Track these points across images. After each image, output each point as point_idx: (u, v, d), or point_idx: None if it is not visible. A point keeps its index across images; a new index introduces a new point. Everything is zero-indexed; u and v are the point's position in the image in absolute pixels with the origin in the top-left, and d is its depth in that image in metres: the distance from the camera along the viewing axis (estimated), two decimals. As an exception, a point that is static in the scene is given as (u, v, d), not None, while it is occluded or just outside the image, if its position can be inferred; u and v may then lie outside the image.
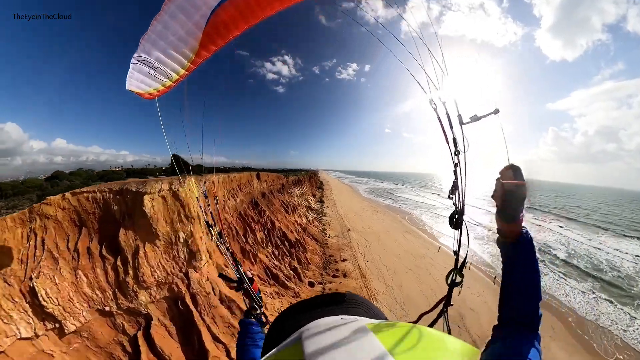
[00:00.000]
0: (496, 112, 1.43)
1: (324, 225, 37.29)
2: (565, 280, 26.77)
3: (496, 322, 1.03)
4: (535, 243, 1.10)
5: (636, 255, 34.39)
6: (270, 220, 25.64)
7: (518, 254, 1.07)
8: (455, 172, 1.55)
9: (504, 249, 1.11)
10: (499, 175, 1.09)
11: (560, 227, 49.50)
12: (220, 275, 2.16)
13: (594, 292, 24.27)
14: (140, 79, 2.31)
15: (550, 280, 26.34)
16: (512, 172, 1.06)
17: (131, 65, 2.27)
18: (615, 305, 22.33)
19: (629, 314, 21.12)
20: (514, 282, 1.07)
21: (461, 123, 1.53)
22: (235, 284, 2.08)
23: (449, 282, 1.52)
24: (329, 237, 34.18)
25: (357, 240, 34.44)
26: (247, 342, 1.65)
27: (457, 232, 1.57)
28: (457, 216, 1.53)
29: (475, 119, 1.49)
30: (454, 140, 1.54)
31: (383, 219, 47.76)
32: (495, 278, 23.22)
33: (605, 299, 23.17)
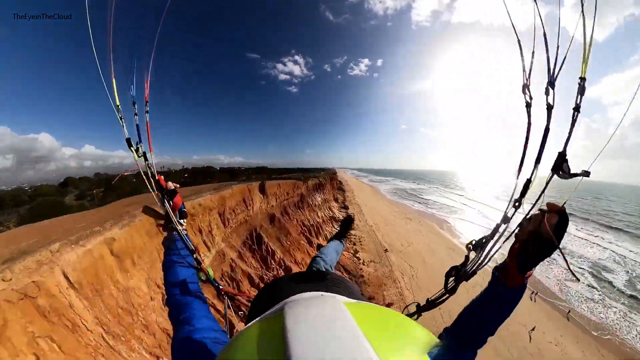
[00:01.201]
0: (586, 174, 1.05)
1: (354, 244, 30.04)
2: (635, 316, 20.58)
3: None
4: (582, 264, 0.53)
5: None
6: (284, 265, 16.57)
7: (505, 296, 1.04)
8: (497, 227, 1.22)
9: (495, 285, 1.07)
10: (537, 213, 0.92)
11: (609, 241, 39.99)
12: None
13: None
14: None
15: (615, 318, 20.40)
16: (557, 219, 0.87)
17: None
18: None
19: None
20: (484, 315, 1.07)
21: (557, 172, 1.07)
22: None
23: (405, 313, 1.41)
24: (363, 263, 26.88)
25: (399, 267, 27.25)
26: (172, 259, 1.46)
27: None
28: (458, 277, 1.30)
29: (569, 176, 1.06)
30: (528, 183, 1.16)
31: (419, 230, 40.50)
32: (569, 312, 20.73)
33: None
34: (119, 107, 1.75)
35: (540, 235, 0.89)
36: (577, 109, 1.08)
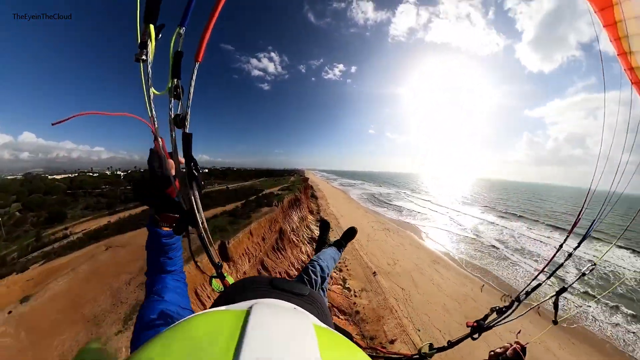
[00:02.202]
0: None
1: (340, 270, 27.04)
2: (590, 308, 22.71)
3: None
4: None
5: None
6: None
7: None
8: (537, 286, 1.30)
9: None
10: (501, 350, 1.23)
11: (557, 241, 44.08)
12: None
13: None
14: None
15: (576, 310, 22.79)
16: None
17: None
18: None
19: None
20: None
21: None
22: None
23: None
24: (355, 294, 23.94)
25: (391, 292, 25.06)
26: (158, 256, 1.30)
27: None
28: (478, 329, 1.44)
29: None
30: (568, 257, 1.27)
31: (401, 244, 39.23)
32: (539, 309, 19.84)
33: None
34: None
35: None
36: None
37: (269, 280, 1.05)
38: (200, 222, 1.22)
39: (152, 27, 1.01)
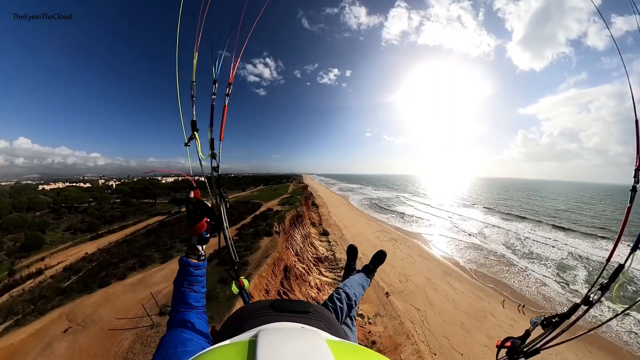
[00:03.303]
0: None
1: (352, 291, 24.65)
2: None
3: None
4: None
5: None
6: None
7: None
8: (576, 306, 1.12)
9: None
10: None
11: (564, 242, 42.78)
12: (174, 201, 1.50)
13: None
14: None
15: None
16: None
17: None
18: None
19: None
20: None
21: None
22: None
23: None
24: (369, 321, 21.46)
25: (407, 314, 22.68)
26: (183, 284, 1.47)
27: None
28: (514, 353, 1.11)
29: None
30: (619, 269, 1.03)
31: (410, 256, 37.06)
32: (523, 307, 23.10)
33: None
34: (194, 83, 1.66)
35: None
36: None
37: (269, 304, 0.97)
38: (225, 226, 1.65)
39: (195, 133, 1.62)
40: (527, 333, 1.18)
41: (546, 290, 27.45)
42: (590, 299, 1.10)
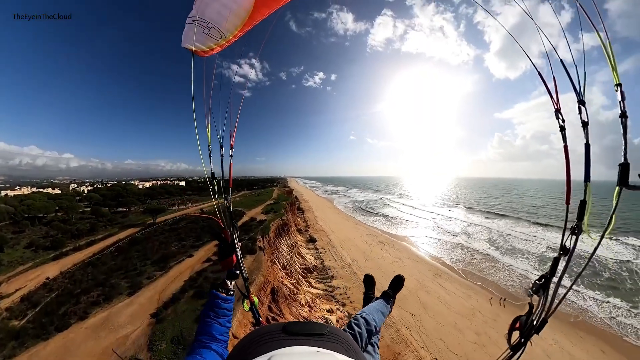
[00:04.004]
0: None
1: (343, 304, 23.33)
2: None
3: None
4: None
5: None
6: None
7: None
8: (556, 261, 1.07)
9: None
10: None
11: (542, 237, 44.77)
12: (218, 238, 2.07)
13: None
14: (195, 38, 2.33)
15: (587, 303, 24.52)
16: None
17: (186, 25, 2.32)
18: None
19: None
20: None
21: (625, 184, 0.90)
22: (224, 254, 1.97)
23: None
24: (364, 332, 20.54)
25: (402, 320, 22.00)
26: (210, 315, 1.55)
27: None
28: (526, 330, 1.10)
29: None
30: (583, 204, 1.04)
31: (399, 259, 36.67)
32: (505, 300, 24.39)
33: None
34: (210, 146, 2.25)
35: None
36: (623, 115, 0.99)
37: (281, 327, 0.91)
38: (238, 250, 1.98)
39: (214, 181, 2.18)
40: (531, 306, 1.14)
41: (529, 283, 28.61)
42: (567, 247, 1.08)
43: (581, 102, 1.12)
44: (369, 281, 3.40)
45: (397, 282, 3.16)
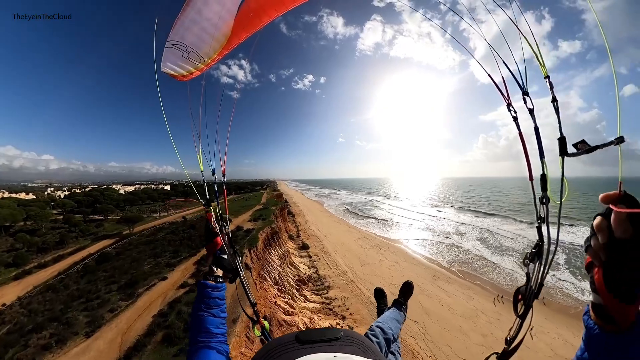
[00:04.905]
0: (620, 141, 0.88)
1: (343, 317, 21.29)
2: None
3: None
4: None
5: None
6: None
7: (624, 352, 0.70)
8: (539, 229, 1.20)
9: (599, 338, 0.76)
10: (597, 220, 0.71)
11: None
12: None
13: None
14: (174, 62, 2.32)
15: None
16: (626, 206, 0.66)
17: (165, 49, 2.30)
18: None
19: None
20: None
21: (565, 153, 1.08)
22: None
23: None
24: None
25: (407, 330, 20.69)
26: (201, 308, 1.45)
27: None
28: (527, 297, 1.20)
29: (587, 149, 0.98)
30: (544, 177, 1.19)
31: (397, 262, 35.53)
32: (543, 298, 23.07)
33: None
34: (202, 171, 2.25)
35: (619, 241, 0.64)
36: (554, 99, 1.19)
37: (294, 337, 0.88)
38: (241, 275, 1.77)
39: (212, 204, 1.99)
40: (528, 276, 1.19)
41: (522, 277, 29.36)
42: (542, 214, 1.16)
43: (525, 93, 1.36)
44: (379, 294, 3.43)
45: (407, 289, 3.24)
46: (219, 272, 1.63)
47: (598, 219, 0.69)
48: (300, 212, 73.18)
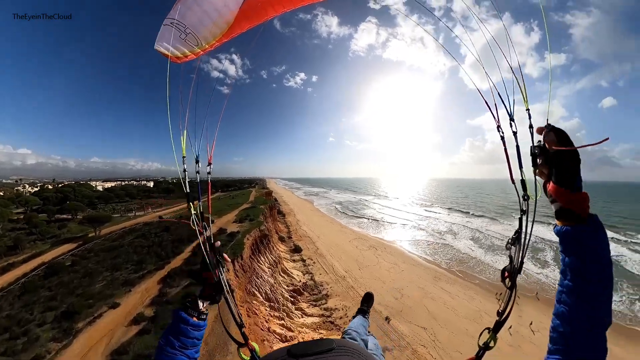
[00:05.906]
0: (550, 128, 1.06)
1: (343, 331, 19.44)
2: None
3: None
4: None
5: None
6: None
7: (588, 242, 0.86)
8: (520, 220, 1.35)
9: (567, 237, 0.91)
10: (539, 140, 1.04)
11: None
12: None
13: None
14: (170, 42, 2.14)
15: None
16: (553, 135, 0.97)
17: (162, 27, 2.15)
18: None
19: None
20: (583, 291, 0.88)
21: (536, 167, 1.19)
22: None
23: (481, 344, 1.23)
24: (377, 363, 16.75)
25: (416, 338, 19.40)
26: (174, 345, 1.21)
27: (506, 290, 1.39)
28: (512, 274, 1.34)
29: (547, 160, 1.13)
30: (523, 182, 1.37)
31: (395, 264, 33.85)
32: (537, 294, 24.81)
33: None
34: (185, 157, 1.83)
35: (552, 154, 0.95)
36: (530, 126, 1.27)
37: (286, 351, 0.87)
38: (225, 289, 1.45)
39: (191, 204, 1.66)
40: (510, 257, 1.33)
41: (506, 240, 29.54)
42: (524, 208, 1.31)
43: (511, 118, 1.52)
44: (367, 297, 3.60)
45: (368, 298, 3.52)
46: (204, 308, 1.36)
47: (536, 145, 1.07)
48: (291, 211, 70.22)
